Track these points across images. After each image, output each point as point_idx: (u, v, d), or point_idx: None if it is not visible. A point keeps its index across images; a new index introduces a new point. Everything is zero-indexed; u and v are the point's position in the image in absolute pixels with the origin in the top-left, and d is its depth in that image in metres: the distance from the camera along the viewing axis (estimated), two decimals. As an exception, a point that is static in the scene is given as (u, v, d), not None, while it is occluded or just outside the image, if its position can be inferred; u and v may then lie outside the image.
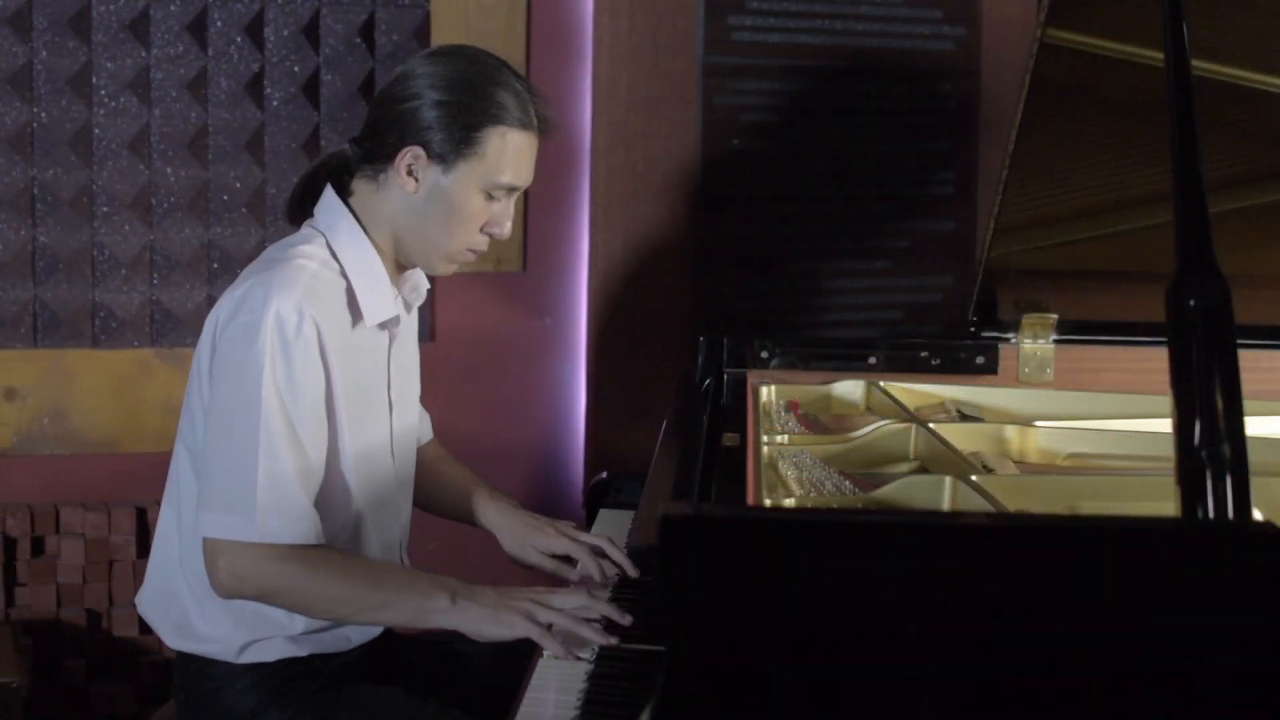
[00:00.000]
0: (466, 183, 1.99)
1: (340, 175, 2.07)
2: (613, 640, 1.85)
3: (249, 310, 1.91)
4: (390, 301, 2.05)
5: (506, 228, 2.05)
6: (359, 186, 2.05)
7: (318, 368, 1.93)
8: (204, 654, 2.02)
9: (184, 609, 2.03)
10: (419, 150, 1.98)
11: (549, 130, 2.05)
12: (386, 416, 2.10)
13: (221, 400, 1.92)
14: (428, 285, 2.16)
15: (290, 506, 1.88)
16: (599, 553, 2.14)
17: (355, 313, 2.01)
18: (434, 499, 2.32)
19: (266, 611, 1.98)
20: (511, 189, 2.03)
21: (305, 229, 2.06)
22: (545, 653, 1.85)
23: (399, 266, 2.09)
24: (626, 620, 1.88)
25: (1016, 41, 3.56)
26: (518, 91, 2.01)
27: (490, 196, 2.01)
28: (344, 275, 2.01)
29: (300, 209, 2.09)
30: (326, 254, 2.01)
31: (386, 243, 2.05)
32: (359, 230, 2.03)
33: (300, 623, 2.00)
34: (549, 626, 1.87)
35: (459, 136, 1.97)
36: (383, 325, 2.07)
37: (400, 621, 1.93)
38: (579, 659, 1.84)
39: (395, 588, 1.92)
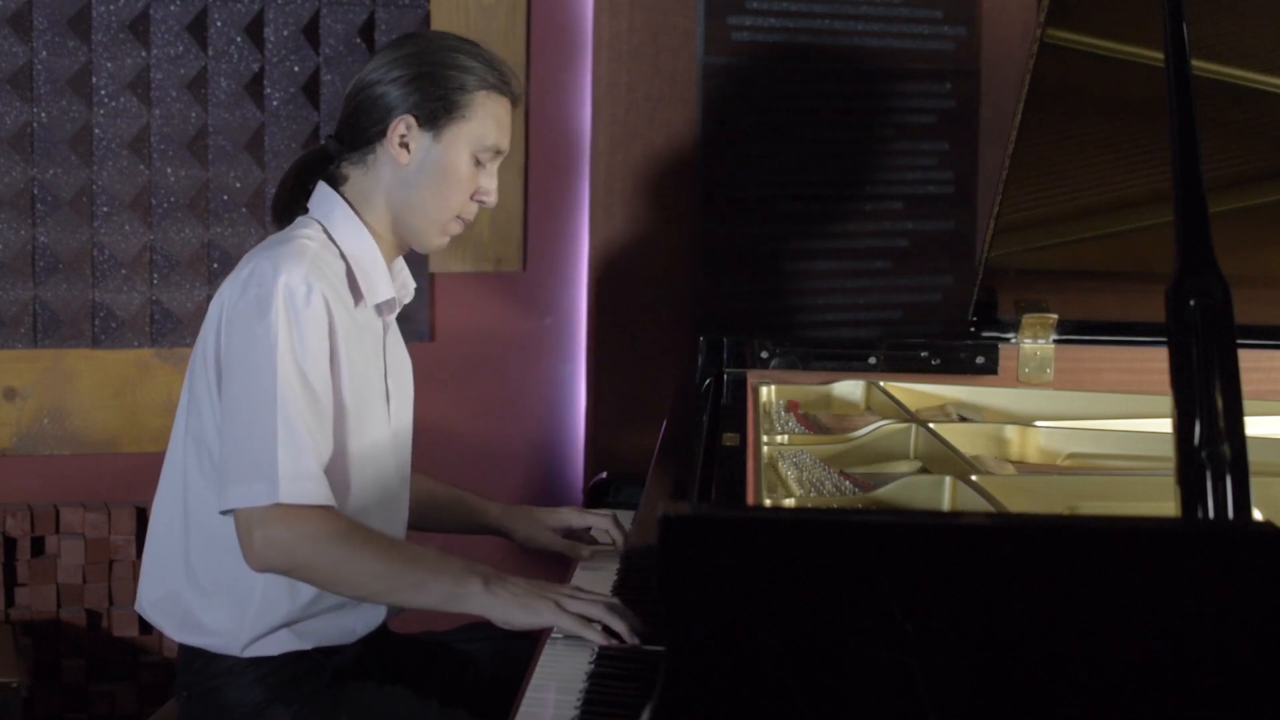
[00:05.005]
0: (457, 147, 2.05)
1: (327, 170, 2.11)
2: (637, 639, 1.86)
3: (258, 283, 1.93)
4: (387, 284, 2.09)
5: (494, 195, 2.10)
6: (349, 172, 2.09)
7: (325, 338, 1.95)
8: (208, 648, 2.02)
9: (187, 606, 2.03)
10: (411, 120, 2.03)
11: (519, 100, 2.12)
12: (385, 407, 2.11)
13: (238, 375, 1.93)
14: (414, 284, 2.21)
15: (308, 467, 1.89)
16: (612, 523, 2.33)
17: (355, 294, 2.05)
18: (425, 514, 2.34)
19: (272, 602, 1.98)
20: (497, 152, 2.09)
21: (302, 218, 2.09)
22: (545, 651, 1.85)
23: (393, 252, 2.12)
24: (638, 637, 1.88)
25: (1016, 41, 3.56)
26: (488, 60, 2.08)
27: (478, 162, 2.07)
28: (343, 257, 2.04)
29: (288, 208, 2.11)
30: (325, 237, 2.05)
31: (380, 225, 2.09)
32: (354, 217, 2.07)
33: (305, 609, 2.00)
34: (579, 617, 1.88)
35: (448, 101, 2.04)
36: (377, 311, 2.09)
37: (431, 604, 1.92)
38: (623, 642, 1.84)
39: (429, 569, 1.92)
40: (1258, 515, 1.61)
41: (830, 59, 3.49)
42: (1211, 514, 1.42)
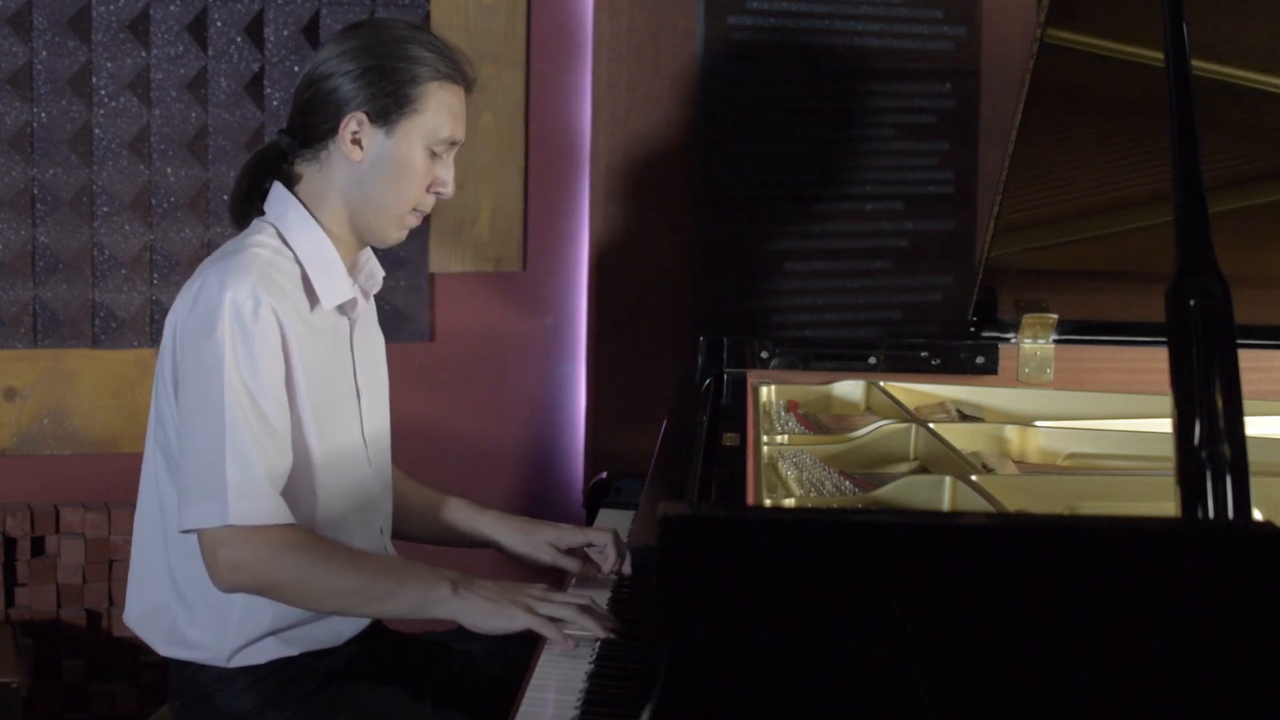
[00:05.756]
0: (410, 141, 2.01)
1: (281, 168, 2.07)
2: (612, 635, 1.85)
3: (206, 300, 1.91)
4: (345, 284, 2.06)
5: (451, 185, 2.07)
6: (302, 170, 2.06)
7: (277, 352, 1.93)
8: (195, 660, 2.02)
9: (172, 618, 2.02)
10: (362, 116, 2.00)
11: (473, 85, 2.08)
12: (355, 406, 2.09)
13: (188, 392, 1.92)
14: (383, 273, 2.18)
15: (259, 487, 1.88)
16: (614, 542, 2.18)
17: (312, 297, 2.02)
18: (410, 522, 2.28)
19: (255, 612, 1.98)
20: (452, 143, 2.05)
21: (256, 222, 2.06)
22: (545, 652, 1.85)
23: (352, 250, 2.09)
24: (619, 630, 1.88)
25: (1016, 41, 3.56)
26: (439, 48, 2.04)
27: (433, 154, 2.03)
28: (298, 262, 2.02)
29: (244, 209, 2.09)
30: (278, 242, 2.02)
31: (337, 224, 2.05)
32: (308, 217, 2.04)
33: (289, 617, 1.99)
34: (549, 619, 1.87)
35: (398, 96, 2.00)
36: (340, 310, 2.07)
37: (401, 613, 1.92)
38: (580, 649, 1.84)
39: (397, 578, 1.91)
40: (1258, 515, 1.61)
41: (830, 59, 3.49)
42: (1211, 514, 1.42)
